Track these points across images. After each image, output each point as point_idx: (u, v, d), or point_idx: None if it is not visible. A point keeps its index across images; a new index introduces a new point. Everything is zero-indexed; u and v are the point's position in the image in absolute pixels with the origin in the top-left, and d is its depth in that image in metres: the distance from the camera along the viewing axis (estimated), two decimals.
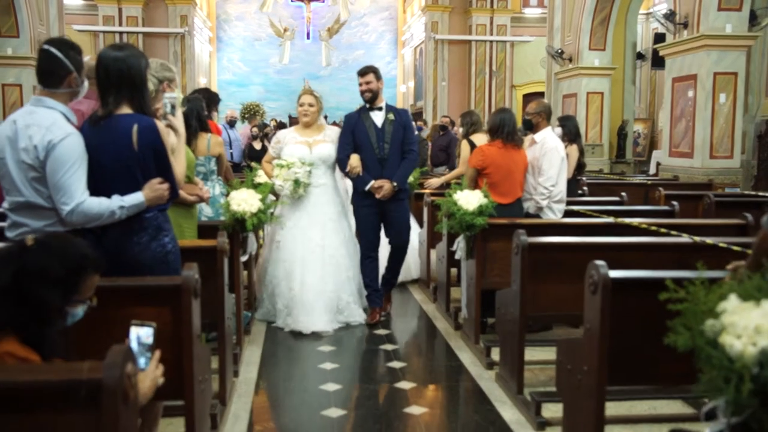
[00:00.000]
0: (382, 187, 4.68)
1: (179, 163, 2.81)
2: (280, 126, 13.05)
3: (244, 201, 4.03)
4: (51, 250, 1.78)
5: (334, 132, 4.91)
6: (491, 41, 18.75)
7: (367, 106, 4.80)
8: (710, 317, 1.56)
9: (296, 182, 4.61)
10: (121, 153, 2.56)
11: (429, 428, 3.19)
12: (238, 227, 4.02)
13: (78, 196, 2.45)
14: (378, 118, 4.76)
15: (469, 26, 18.84)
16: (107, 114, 2.58)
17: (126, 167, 2.57)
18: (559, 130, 5.50)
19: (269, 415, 3.45)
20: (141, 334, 1.86)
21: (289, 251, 4.72)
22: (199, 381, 2.47)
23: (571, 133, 5.65)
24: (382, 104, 4.81)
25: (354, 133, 4.76)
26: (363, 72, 4.81)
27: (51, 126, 2.48)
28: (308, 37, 21.76)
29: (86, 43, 15.89)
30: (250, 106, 20.23)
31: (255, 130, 10.15)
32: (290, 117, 19.45)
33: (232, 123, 9.62)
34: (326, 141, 4.82)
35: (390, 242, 4.96)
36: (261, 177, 4.93)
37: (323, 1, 21.52)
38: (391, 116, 4.77)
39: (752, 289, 1.58)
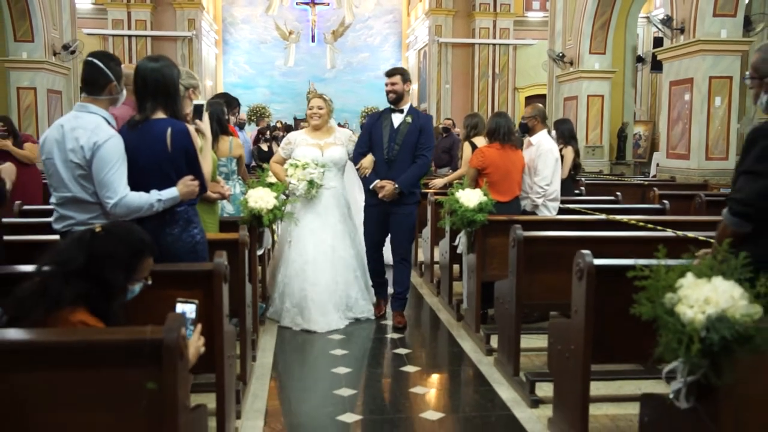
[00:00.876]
0: (384, 187, 4.76)
1: (207, 163, 3.13)
2: (286, 128, 13.33)
3: (261, 198, 4.31)
4: (116, 237, 2.10)
5: (344, 134, 5.06)
6: (494, 44, 19.04)
7: (391, 107, 4.86)
8: (669, 291, 1.86)
9: (311, 183, 4.75)
10: (157, 154, 2.86)
11: (434, 406, 3.49)
12: (255, 223, 4.31)
13: (121, 191, 2.75)
14: (397, 119, 4.80)
15: (473, 29, 19.13)
16: (144, 119, 2.89)
17: (160, 166, 2.88)
18: (554, 132, 5.80)
19: (284, 394, 3.75)
20: (186, 309, 2.17)
21: (300, 252, 4.84)
22: (228, 357, 2.77)
23: (564, 135, 5.93)
24: (405, 107, 4.84)
25: (371, 132, 4.86)
26: (390, 73, 4.87)
27: (95, 129, 2.78)
28: (313, 40, 22.08)
29: (96, 46, 16.16)
30: (256, 108, 20.60)
31: (267, 132, 10.47)
32: (295, 119, 19.66)
33: (241, 125, 9.92)
34: (337, 144, 4.94)
35: (392, 250, 4.96)
36: (270, 177, 5.19)
37: (328, 4, 21.85)
38: (409, 119, 4.78)
39: (705, 268, 1.88)
